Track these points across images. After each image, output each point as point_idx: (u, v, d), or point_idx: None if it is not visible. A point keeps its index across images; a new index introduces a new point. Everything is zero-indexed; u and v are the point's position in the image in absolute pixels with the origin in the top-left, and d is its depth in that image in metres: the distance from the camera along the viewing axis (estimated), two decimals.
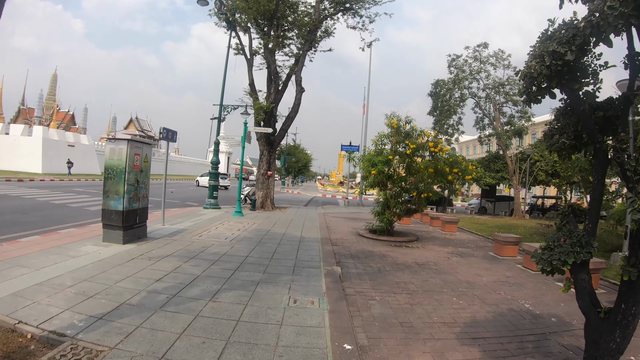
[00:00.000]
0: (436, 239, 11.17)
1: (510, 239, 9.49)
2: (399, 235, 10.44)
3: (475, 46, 27.16)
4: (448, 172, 9.39)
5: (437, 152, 9.26)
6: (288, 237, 9.23)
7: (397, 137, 9.00)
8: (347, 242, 9.15)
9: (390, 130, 9.28)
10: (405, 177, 9.44)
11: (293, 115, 16.34)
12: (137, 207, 7.88)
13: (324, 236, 9.60)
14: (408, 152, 9.08)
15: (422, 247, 9.52)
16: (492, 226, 16.44)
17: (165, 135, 10.10)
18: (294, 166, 57.63)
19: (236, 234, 9.26)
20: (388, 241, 9.61)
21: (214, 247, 7.60)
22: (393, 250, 8.59)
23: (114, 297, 4.51)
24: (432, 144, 9.15)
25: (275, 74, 16.07)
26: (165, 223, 10.28)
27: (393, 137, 9.03)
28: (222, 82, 15.35)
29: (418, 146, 9.10)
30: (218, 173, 14.89)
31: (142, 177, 8.07)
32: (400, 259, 7.74)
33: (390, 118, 9.35)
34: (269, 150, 16.38)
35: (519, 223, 19.14)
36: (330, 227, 11.61)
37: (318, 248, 8.02)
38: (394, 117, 9.37)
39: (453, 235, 12.68)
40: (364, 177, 9.99)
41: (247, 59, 17.17)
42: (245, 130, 12.91)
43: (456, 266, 7.67)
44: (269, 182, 16.43)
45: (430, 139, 9.41)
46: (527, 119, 26.59)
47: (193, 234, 8.94)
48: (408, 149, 9.11)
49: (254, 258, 6.76)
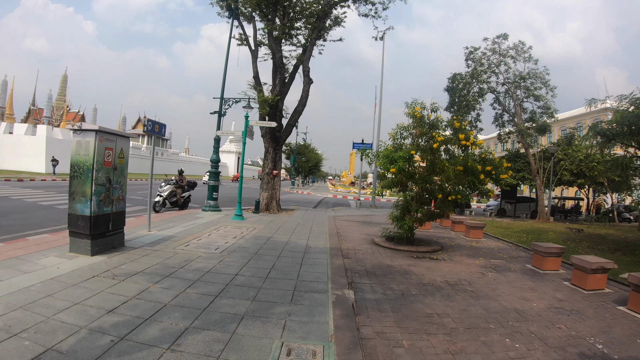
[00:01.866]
0: (462, 248, 9.69)
1: (553, 250, 7.99)
2: (421, 244, 9.01)
3: (495, 37, 25.48)
4: (480, 170, 7.92)
5: (470, 145, 7.78)
6: (291, 246, 7.87)
7: (420, 129, 7.54)
8: (360, 252, 7.75)
9: (412, 120, 7.84)
10: (429, 176, 8.00)
11: (301, 108, 14.99)
12: (110, 211, 6.62)
13: (333, 245, 8.21)
14: (435, 146, 7.63)
15: (449, 259, 8.07)
16: (519, 231, 14.88)
17: (152, 127, 8.85)
18: (304, 166, 56.31)
19: (230, 242, 7.95)
20: (409, 252, 8.18)
21: (198, 260, 6.28)
22: (416, 264, 7.15)
23: (42, 338, 3.26)
24: (462, 135, 7.67)
25: (281, 64, 14.74)
26: (152, 228, 9.04)
27: (416, 129, 7.57)
28: (223, 72, 14.11)
29: (446, 139, 7.64)
30: (218, 172, 13.63)
31: (117, 176, 6.81)
32: (426, 277, 6.30)
33: (412, 106, 7.91)
34: (275, 148, 15.07)
35: (546, 227, 17.47)
36: (341, 234, 10.21)
37: (326, 262, 6.63)
38: (416, 104, 7.92)
39: (480, 242, 11.18)
40: (379, 176, 8.58)
41: (251, 50, 15.90)
42: (247, 125, 11.61)
43: (495, 286, 6.21)
44: (275, 182, 15.11)
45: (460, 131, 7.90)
46: (550, 115, 24.79)
47: (179, 243, 7.65)
48: (434, 142, 7.65)
49: (244, 277, 5.41)
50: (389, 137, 8.68)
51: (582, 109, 43.53)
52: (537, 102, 24.98)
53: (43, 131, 38.82)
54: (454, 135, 7.83)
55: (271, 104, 13.94)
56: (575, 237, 13.83)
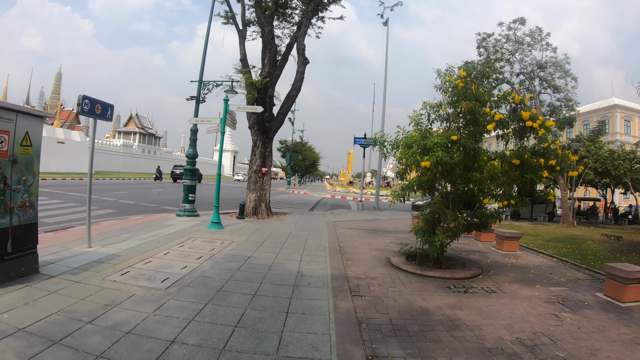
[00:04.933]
0: (504, 269, 7.41)
1: (638, 276, 5.79)
2: (452, 264, 6.71)
3: (510, 22, 23.22)
4: (542, 164, 5.60)
5: (537, 129, 5.42)
6: (276, 273, 5.51)
7: (467, 102, 5.20)
8: (376, 283, 5.40)
9: (451, 91, 5.48)
10: (472, 174, 5.66)
11: (294, 93, 12.62)
12: (8, 224, 4.33)
13: (336, 270, 5.86)
14: (490, 128, 5.28)
15: (499, 289, 5.76)
16: (550, 239, 12.64)
17: (90, 107, 6.51)
18: (300, 164, 53.84)
19: (191, 267, 5.60)
20: (442, 279, 5.87)
21: (126, 306, 3.95)
22: (461, 304, 4.83)
23: None
24: (527, 114, 5.31)
25: (271, 40, 12.38)
26: (97, 242, 6.82)
27: (462, 102, 5.21)
28: (203, 50, 11.74)
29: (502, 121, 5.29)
30: (195, 170, 11.27)
31: (17, 173, 4.52)
32: (486, 332, 3.98)
33: (448, 73, 5.59)
34: (264, 141, 12.71)
35: (577, 234, 15.19)
36: (345, 249, 7.86)
37: (327, 306, 4.27)
38: (451, 72, 5.59)
39: (518, 257, 8.90)
40: (399, 174, 6.23)
41: (238, 29, 13.56)
42: (226, 110, 9.26)
43: (587, 341, 3.94)
44: (264, 182, 12.75)
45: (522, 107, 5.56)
46: (571, 107, 22.62)
47: (117, 268, 5.33)
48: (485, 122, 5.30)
49: (184, 349, 3.07)
50: (410, 122, 6.34)
51: (606, 101, 41.26)
52: (556, 94, 22.90)
53: None
54: (513, 114, 5.49)
55: (259, 88, 11.61)
56: (620, 247, 11.57)
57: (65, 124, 51.63)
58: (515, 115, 5.48)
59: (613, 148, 23.66)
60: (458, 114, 5.51)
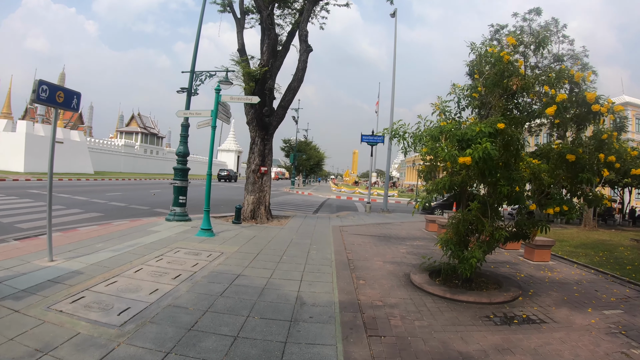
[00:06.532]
0: (542, 285, 6.24)
1: None
2: (482, 282, 5.55)
3: (526, 13, 21.94)
4: (602, 161, 4.41)
5: (605, 114, 4.21)
6: (268, 301, 4.33)
7: (519, 78, 4.01)
8: (397, 315, 4.19)
9: (496, 66, 4.27)
10: (515, 172, 4.46)
11: (296, 84, 11.46)
12: None
13: (345, 296, 4.66)
14: (550, 112, 4.06)
15: (547, 316, 4.59)
16: (577, 245, 11.48)
17: (48, 95, 5.42)
18: (305, 164, 52.62)
19: (163, 290, 4.47)
20: (477, 304, 4.70)
21: (59, 353, 2.89)
22: (509, 343, 3.66)
23: None
24: (592, 96, 4.08)
25: (269, 26, 11.23)
26: (61, 255, 5.85)
27: (514, 78, 4.01)
28: (196, 37, 10.63)
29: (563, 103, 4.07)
30: (186, 169, 10.17)
31: None
32: None
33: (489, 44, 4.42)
34: (263, 138, 11.57)
35: (603, 238, 13.93)
36: (355, 262, 6.67)
37: (334, 357, 3.12)
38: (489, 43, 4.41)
39: (553, 269, 7.73)
40: (422, 172, 5.05)
41: (236, 18, 12.45)
42: (217, 101, 8.12)
43: None
44: (263, 183, 11.61)
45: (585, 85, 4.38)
46: None
47: (72, 290, 4.29)
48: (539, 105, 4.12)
49: None
50: (434, 111, 5.17)
51: (616, 98, 39.78)
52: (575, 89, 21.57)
53: (23, 127, 35.47)
54: (575, 96, 4.29)
55: (257, 79, 10.47)
56: None
57: (68, 125, 51.02)
58: (576, 97, 4.29)
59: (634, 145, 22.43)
60: (502, 96, 4.33)
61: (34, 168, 33.27)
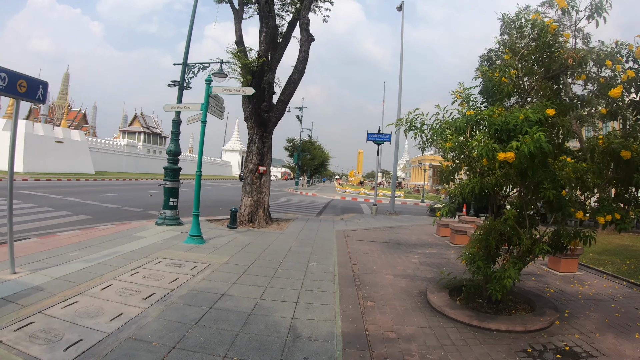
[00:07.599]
0: (577, 303, 5.38)
1: None
2: (511, 301, 4.71)
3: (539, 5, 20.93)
4: None
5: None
6: (254, 333, 3.46)
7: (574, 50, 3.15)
8: (414, 352, 3.27)
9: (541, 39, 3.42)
10: (561, 172, 3.62)
11: (297, 77, 10.64)
12: None
13: (350, 325, 3.80)
14: (614, 94, 3.21)
15: (592, 346, 3.75)
16: (601, 251, 10.48)
17: (7, 84, 4.66)
18: (309, 164, 51.78)
19: (128, 315, 3.67)
20: (510, 332, 3.85)
21: None
22: None
23: None
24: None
25: (268, 13, 10.43)
26: (27, 265, 5.20)
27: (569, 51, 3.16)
28: (189, 27, 9.85)
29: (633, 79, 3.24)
30: (177, 169, 9.40)
31: None
32: None
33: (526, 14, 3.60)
34: (262, 135, 10.77)
35: (627, 243, 12.97)
36: (362, 277, 5.81)
37: None
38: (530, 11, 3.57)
39: (583, 282, 6.85)
40: (443, 173, 4.20)
41: (233, 9, 11.66)
42: (208, 92, 7.33)
43: None
44: (262, 183, 10.81)
45: None
46: None
47: (23, 313, 3.62)
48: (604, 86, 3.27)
49: None
50: (454, 100, 4.33)
51: None
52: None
53: (22, 127, 34.98)
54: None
55: (254, 71, 9.67)
56: None
57: (72, 125, 50.69)
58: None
59: None
60: (544, 77, 3.47)
61: (32, 168, 32.81)
